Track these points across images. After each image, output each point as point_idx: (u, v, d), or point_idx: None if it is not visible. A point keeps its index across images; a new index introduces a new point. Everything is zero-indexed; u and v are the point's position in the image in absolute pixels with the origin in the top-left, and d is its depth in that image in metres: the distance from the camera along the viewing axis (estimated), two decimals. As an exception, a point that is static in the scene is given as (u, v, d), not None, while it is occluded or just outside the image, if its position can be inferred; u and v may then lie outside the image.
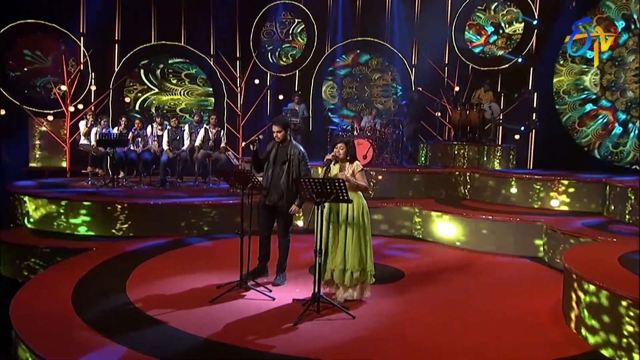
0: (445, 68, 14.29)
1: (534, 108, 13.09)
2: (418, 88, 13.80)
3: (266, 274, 6.38)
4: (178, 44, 14.11)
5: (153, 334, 4.68)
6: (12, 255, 7.87)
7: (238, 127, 14.45)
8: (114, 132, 10.19)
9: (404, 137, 11.75)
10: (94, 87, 13.21)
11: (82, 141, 10.54)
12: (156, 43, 13.97)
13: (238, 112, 14.33)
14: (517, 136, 12.97)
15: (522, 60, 13.09)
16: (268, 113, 14.83)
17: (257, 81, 14.41)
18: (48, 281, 6.11)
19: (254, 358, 4.32)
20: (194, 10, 14.25)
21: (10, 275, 7.87)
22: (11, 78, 12.40)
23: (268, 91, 14.93)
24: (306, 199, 5.43)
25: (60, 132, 12.67)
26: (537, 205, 9.23)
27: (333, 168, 5.69)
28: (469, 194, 10.14)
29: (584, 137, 12.03)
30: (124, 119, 10.57)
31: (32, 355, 4.19)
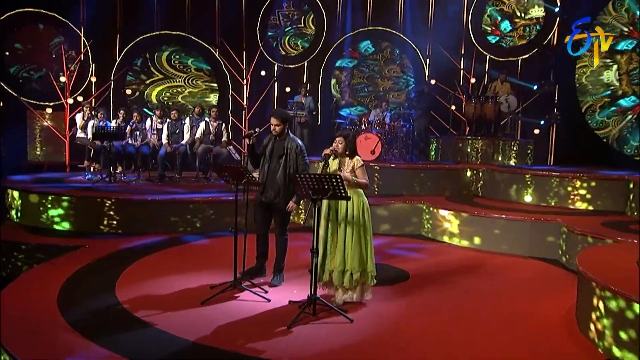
0: (461, 59, 14.09)
1: (555, 101, 12.85)
2: (431, 80, 13.62)
3: (263, 274, 6.30)
4: (182, 34, 14.07)
5: (138, 337, 4.61)
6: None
7: (244, 121, 14.40)
8: (112, 125, 10.16)
9: (414, 132, 11.60)
10: (95, 79, 13.23)
11: (79, 134, 10.53)
12: (159, 33, 13.94)
13: (244, 105, 14.28)
14: (537, 131, 12.75)
15: (543, 50, 12.83)
16: (275, 106, 14.75)
17: (264, 73, 14.34)
18: (35, 280, 6.07)
19: (242, 363, 4.24)
20: (199, -2, 14.25)
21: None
22: (9, 69, 12.43)
23: (275, 83, 14.86)
24: (302, 196, 5.32)
25: (60, 125, 12.69)
26: (554, 203, 9.04)
27: (332, 163, 5.58)
28: (482, 192, 9.98)
29: (604, 128, 11.75)
30: (122, 112, 10.55)
31: (9, 357, 4.14)
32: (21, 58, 12.71)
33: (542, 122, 12.71)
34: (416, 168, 10.22)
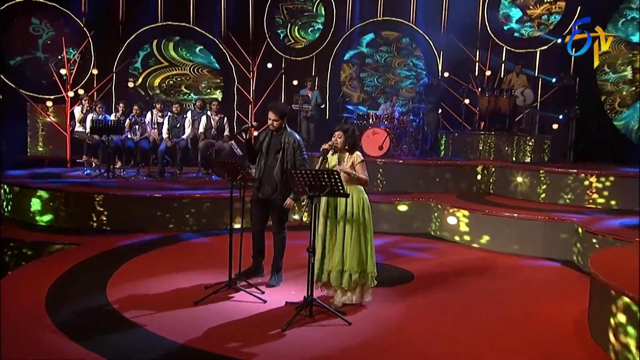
0: (476, 51, 13.91)
1: (575, 95, 12.64)
2: (444, 73, 13.48)
3: (261, 274, 6.25)
4: (186, 25, 14.05)
5: (125, 338, 4.57)
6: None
7: (250, 115, 14.35)
8: (111, 119, 10.16)
9: (424, 126, 11.47)
10: (96, 71, 13.23)
11: (78, 128, 10.55)
12: (163, 24, 13.92)
13: (250, 99, 14.23)
14: (556, 126, 12.55)
15: (562, 40, 12.60)
16: (282, 99, 14.69)
17: (270, 65, 14.26)
18: (24, 278, 6.07)
19: (231, 367, 4.19)
20: (204, -12, 14.21)
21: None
22: (8, 61, 12.46)
23: (282, 76, 14.79)
24: (299, 193, 5.25)
25: (61, 119, 12.69)
26: (570, 202, 8.89)
27: (331, 159, 5.50)
28: (494, 189, 9.86)
29: (627, 124, 11.53)
30: (122, 105, 10.54)
31: (-11, 358, 4.13)
32: (20, 49, 12.73)
33: (561, 117, 12.50)
34: (425, 164, 10.11)
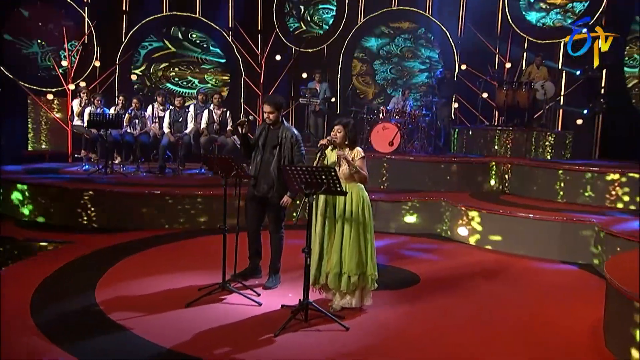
0: (496, 42, 13.70)
1: (602, 88, 12.39)
2: (462, 65, 13.30)
3: (258, 275, 6.20)
4: (192, 16, 14.02)
5: (109, 342, 4.51)
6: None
7: (258, 109, 14.29)
8: (110, 113, 10.14)
9: (437, 121, 11.31)
10: (98, 63, 13.24)
11: (76, 122, 10.56)
12: (168, 14, 13.91)
13: (258, 92, 14.17)
14: (580, 121, 12.33)
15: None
16: (292, 93, 14.62)
17: (279, 57, 14.19)
18: (12, 277, 6.04)
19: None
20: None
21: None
22: (8, 52, 12.50)
23: (293, 68, 14.70)
24: (295, 190, 5.17)
25: (62, 113, 12.73)
26: (590, 202, 8.70)
27: (330, 155, 5.41)
28: (510, 188, 9.73)
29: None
30: (122, 98, 10.53)
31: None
32: (21, 40, 12.76)
33: (585, 112, 12.27)
34: (437, 161, 9.99)
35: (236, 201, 5.97)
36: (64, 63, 12.70)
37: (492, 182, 9.87)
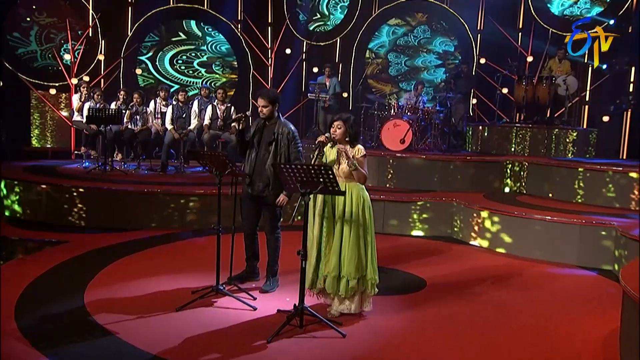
0: (518, 34, 13.50)
1: (630, 83, 12.14)
2: (481, 59, 13.14)
3: (256, 278, 6.17)
4: (199, 7, 14.02)
5: (93, 347, 4.48)
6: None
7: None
8: (112, 108, 10.15)
9: (452, 118, 11.17)
10: (103, 57, 13.28)
11: (75, 117, 10.60)
12: (174, 6, 13.91)
13: (267, 87, 14.12)
14: (606, 118, 12.11)
15: (615, 22, 12.11)
16: (303, 88, 14.56)
17: (289, 51, 14.14)
18: (2, 277, 6.05)
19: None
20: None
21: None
22: (10, 45, 12.56)
23: (304, 63, 14.66)
24: (290, 189, 5.10)
25: (67, 108, 12.78)
26: (612, 204, 8.54)
27: (330, 152, 5.33)
28: (526, 188, 9.61)
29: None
30: (123, 93, 10.54)
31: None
32: (23, 32, 12.80)
33: (612, 108, 12.04)
34: (450, 160, 9.89)
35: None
36: (67, 57, 12.75)
37: (508, 182, 9.78)
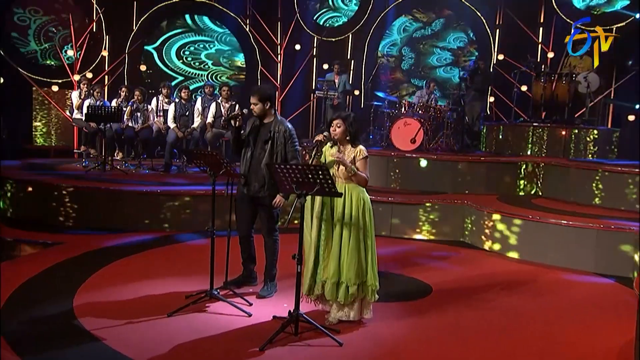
0: (539, 29, 13.33)
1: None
2: (499, 55, 13.01)
3: (253, 283, 6.14)
4: (206, 2, 14.02)
5: (78, 354, 4.46)
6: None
7: (276, 103, 14.21)
8: (112, 105, 10.16)
9: (466, 117, 11.04)
10: (106, 52, 13.32)
11: (75, 115, 10.63)
12: (180, 0, 13.92)
13: (276, 84, 14.10)
14: (632, 117, 11.91)
15: None
16: (313, 86, 14.50)
17: (298, 47, 14.10)
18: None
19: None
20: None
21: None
22: (12, 40, 12.64)
23: (314, 59, 14.61)
24: (286, 190, 5.05)
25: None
26: (633, 207, 8.35)
27: (329, 152, 5.26)
28: (543, 191, 9.49)
29: None
30: (124, 89, 10.55)
31: None
32: (25, 27, 12.88)
33: (637, 106, 11.85)
34: (462, 160, 9.78)
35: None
36: (70, 53, 12.81)
37: (524, 184, 9.67)
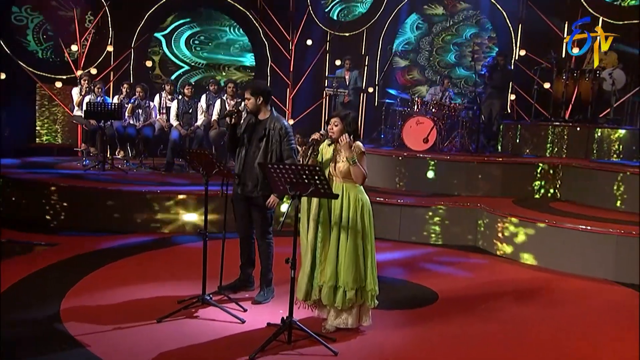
0: (564, 23, 13.13)
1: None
2: (520, 50, 12.83)
3: (250, 288, 6.12)
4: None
5: (59, 360, 4.45)
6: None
7: (286, 100, 14.17)
8: (114, 102, 10.18)
9: (482, 115, 10.90)
10: (111, 48, 13.34)
11: (76, 112, 10.67)
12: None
13: (287, 81, 14.06)
14: None
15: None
16: (325, 83, 14.42)
17: (310, 42, 14.03)
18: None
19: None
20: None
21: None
22: (16, 34, 12.69)
23: (327, 55, 14.53)
24: (279, 191, 4.99)
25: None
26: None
27: (326, 151, 5.20)
28: (561, 193, 9.37)
29: None
30: (126, 86, 10.57)
31: None
32: (29, 21, 12.95)
33: None
34: (478, 161, 9.69)
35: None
36: (74, 48, 12.84)
37: (541, 187, 9.56)
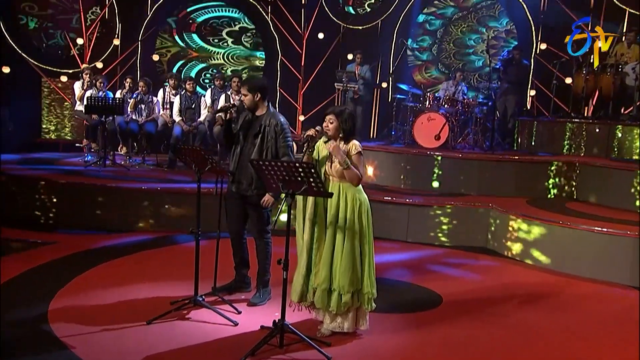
0: (588, 16, 12.94)
1: None
2: (540, 44, 12.70)
3: (246, 289, 6.12)
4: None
5: (41, 363, 4.46)
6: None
7: (297, 96, 14.16)
8: (117, 97, 10.22)
9: (497, 111, 10.79)
10: (118, 41, 13.40)
11: (77, 107, 10.73)
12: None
13: (298, 76, 14.04)
14: None
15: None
16: (337, 78, 14.37)
17: (322, 35, 14.00)
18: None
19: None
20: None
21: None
22: (22, 27, 12.78)
23: (339, 49, 14.47)
24: (272, 189, 4.97)
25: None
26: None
27: (322, 148, 5.16)
28: (578, 193, 9.27)
29: None
30: (129, 80, 10.62)
31: None
32: (36, 13, 13.04)
33: None
34: (491, 159, 9.64)
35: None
36: (80, 41, 12.92)
37: (557, 186, 9.48)
